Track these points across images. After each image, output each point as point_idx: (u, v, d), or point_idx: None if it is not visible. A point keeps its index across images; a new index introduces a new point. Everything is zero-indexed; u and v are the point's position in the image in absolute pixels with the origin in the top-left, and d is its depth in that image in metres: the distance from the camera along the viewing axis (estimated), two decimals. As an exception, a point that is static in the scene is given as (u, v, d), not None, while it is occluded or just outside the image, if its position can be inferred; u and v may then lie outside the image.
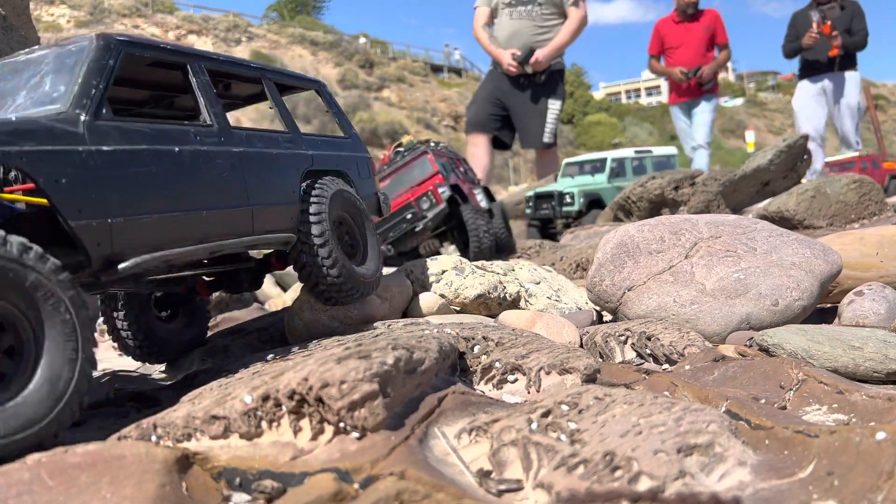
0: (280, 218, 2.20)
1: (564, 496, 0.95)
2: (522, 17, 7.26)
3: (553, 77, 7.25)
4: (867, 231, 2.94)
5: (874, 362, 1.66)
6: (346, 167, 2.68)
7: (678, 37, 8.84)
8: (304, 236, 2.23)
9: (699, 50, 8.71)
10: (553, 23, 7.14)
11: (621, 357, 2.09)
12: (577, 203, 8.83)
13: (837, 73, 7.70)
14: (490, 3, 7.33)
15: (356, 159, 2.82)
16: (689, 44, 8.76)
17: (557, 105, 7.29)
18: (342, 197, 2.44)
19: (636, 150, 9.77)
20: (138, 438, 1.21)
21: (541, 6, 7.19)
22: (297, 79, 2.78)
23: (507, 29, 7.30)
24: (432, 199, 5.11)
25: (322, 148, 2.59)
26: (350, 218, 2.52)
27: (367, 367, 1.13)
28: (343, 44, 36.49)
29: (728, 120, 45.83)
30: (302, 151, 2.42)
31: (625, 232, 2.59)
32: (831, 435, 1.07)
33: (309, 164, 2.41)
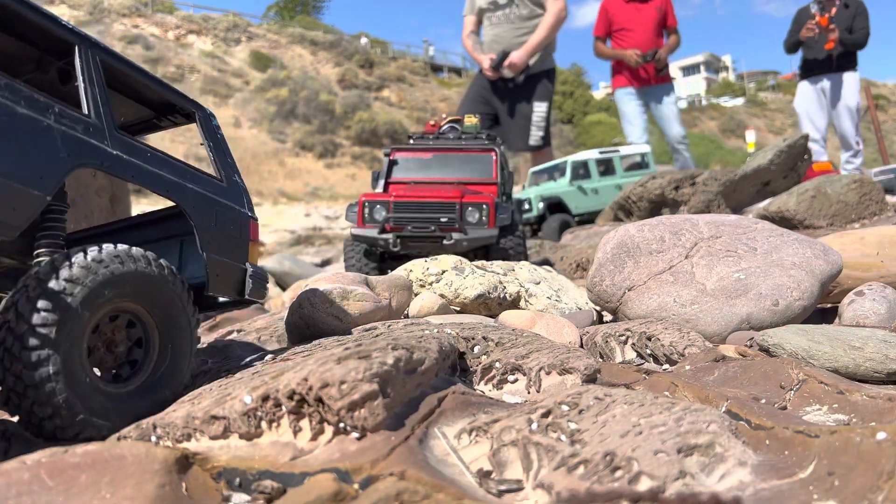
0: None
1: (564, 496, 0.95)
2: (501, 22, 7.20)
3: (535, 78, 7.11)
4: (867, 231, 2.94)
5: (874, 362, 1.66)
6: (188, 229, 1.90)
7: (628, 17, 8.27)
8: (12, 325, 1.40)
9: (651, 33, 8.19)
10: (535, 22, 7.03)
11: (621, 357, 2.09)
12: (535, 208, 8.24)
13: (836, 74, 7.59)
14: (474, 10, 7.30)
15: (219, 215, 1.97)
16: (640, 25, 8.22)
17: (543, 107, 7.16)
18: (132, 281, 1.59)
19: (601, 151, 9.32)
20: (138, 438, 1.21)
21: (518, 7, 7.08)
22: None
23: (489, 34, 7.29)
24: (485, 216, 3.82)
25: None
26: (148, 314, 1.67)
27: (367, 367, 1.13)
28: (343, 44, 36.49)
29: (728, 120, 45.83)
30: None
31: (625, 232, 2.59)
32: (832, 435, 1.07)
33: None
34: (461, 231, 3.77)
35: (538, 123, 7.14)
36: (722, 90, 58.59)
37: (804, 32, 7.45)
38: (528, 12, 7.08)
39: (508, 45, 7.04)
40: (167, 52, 31.12)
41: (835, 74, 7.58)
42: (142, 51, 29.80)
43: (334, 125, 29.74)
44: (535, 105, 7.09)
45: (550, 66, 7.32)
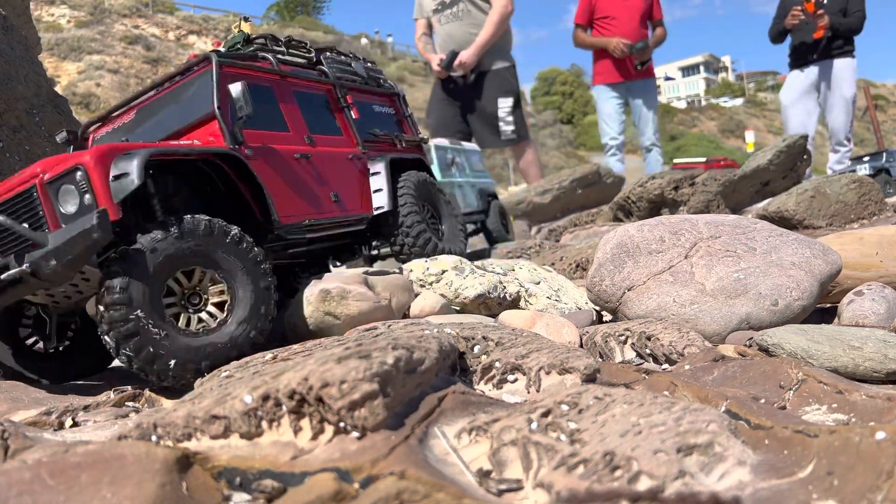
0: None
1: (564, 496, 0.95)
2: (451, 20, 7.07)
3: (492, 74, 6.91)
4: (867, 231, 2.94)
5: (874, 362, 1.66)
6: None
7: (613, 6, 7.72)
8: None
9: (636, 23, 7.64)
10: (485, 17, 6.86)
11: (621, 357, 2.09)
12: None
13: (828, 61, 6.92)
14: (423, 13, 7.18)
15: None
16: (626, 14, 7.65)
17: (508, 102, 6.95)
18: None
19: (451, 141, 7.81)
20: (138, 438, 1.21)
21: (466, 3, 6.91)
22: None
23: (441, 35, 7.16)
24: (87, 194, 2.07)
25: None
26: None
27: (368, 367, 1.13)
28: (343, 44, 36.47)
29: (727, 120, 45.84)
30: None
31: (624, 232, 2.59)
32: (831, 435, 1.07)
33: None
34: (38, 245, 2.02)
35: (505, 118, 6.93)
36: (721, 90, 58.62)
37: (789, 20, 6.89)
38: (476, 9, 6.91)
39: (461, 43, 6.90)
40: (168, 53, 31.11)
41: (827, 61, 6.95)
42: (143, 51, 29.78)
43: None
44: (499, 101, 6.92)
45: (507, 62, 7.09)
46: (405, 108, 3.81)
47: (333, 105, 3.26)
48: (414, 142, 3.72)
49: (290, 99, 2.96)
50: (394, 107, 3.77)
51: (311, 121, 3.04)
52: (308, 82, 3.15)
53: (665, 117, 45.06)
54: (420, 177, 3.38)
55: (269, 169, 2.65)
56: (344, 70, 3.42)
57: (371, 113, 3.51)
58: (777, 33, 7.24)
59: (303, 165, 2.83)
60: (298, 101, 3.02)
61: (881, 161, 13.37)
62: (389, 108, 3.72)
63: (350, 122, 3.28)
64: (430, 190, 3.47)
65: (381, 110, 3.63)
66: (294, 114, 2.95)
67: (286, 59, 3.12)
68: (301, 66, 3.21)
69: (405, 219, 3.16)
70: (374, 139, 3.40)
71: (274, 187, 2.62)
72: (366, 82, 3.55)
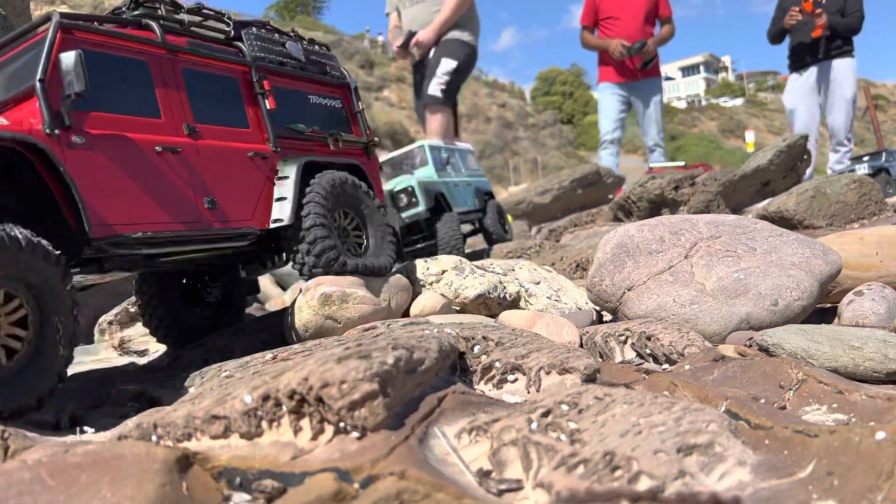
0: None
1: (564, 496, 0.95)
2: (415, 3, 6.97)
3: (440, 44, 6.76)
4: (867, 231, 2.94)
5: (874, 362, 1.66)
6: None
7: (617, 5, 7.61)
8: None
9: (640, 22, 7.51)
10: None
11: (621, 357, 2.09)
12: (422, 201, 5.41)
13: (827, 61, 6.89)
14: (392, 6, 7.13)
15: None
16: (629, 14, 7.53)
17: (451, 63, 6.70)
18: None
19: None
20: (138, 438, 1.21)
21: None
22: None
23: (406, 18, 7.05)
24: None
25: None
26: None
27: (368, 367, 1.13)
28: (343, 44, 36.48)
29: (728, 120, 45.86)
30: None
31: (625, 232, 2.59)
32: (831, 435, 1.07)
33: None
34: None
35: (440, 77, 6.65)
36: (721, 90, 58.64)
37: (787, 20, 6.88)
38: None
39: (423, 24, 6.79)
40: (167, 53, 31.01)
41: (826, 62, 6.93)
42: (141, 51, 29.69)
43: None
44: (442, 60, 6.69)
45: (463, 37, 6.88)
46: (357, 103, 3.18)
47: (244, 91, 2.65)
48: (357, 143, 3.09)
49: (174, 79, 2.39)
50: (343, 100, 3.14)
51: (201, 107, 2.46)
52: (209, 61, 2.55)
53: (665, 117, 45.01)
54: (337, 178, 2.74)
55: (105, 163, 2.09)
56: (270, 50, 2.81)
57: (303, 105, 2.91)
58: (776, 33, 7.23)
59: (165, 161, 2.26)
60: (188, 82, 2.45)
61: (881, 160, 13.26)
62: (335, 101, 3.10)
63: (263, 113, 2.66)
64: (351, 195, 2.82)
65: (321, 102, 3.02)
66: (176, 97, 2.38)
67: (183, 30, 2.54)
68: (209, 39, 2.65)
69: (307, 233, 2.56)
70: (297, 136, 2.79)
71: (100, 187, 2.06)
72: (303, 67, 2.94)
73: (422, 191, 5.29)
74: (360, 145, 3.11)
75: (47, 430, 1.76)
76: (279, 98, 2.73)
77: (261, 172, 2.60)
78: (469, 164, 6.45)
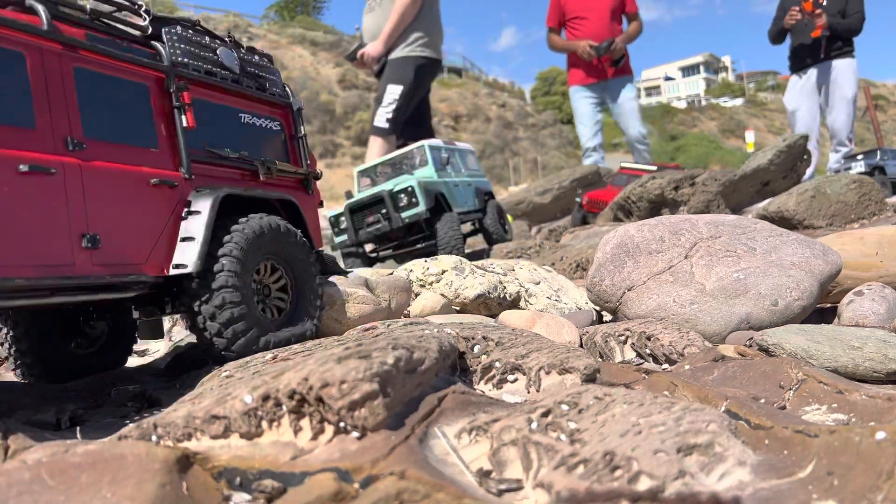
0: None
1: (564, 496, 0.95)
2: (371, 11, 6.92)
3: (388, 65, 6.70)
4: (867, 231, 2.94)
5: (874, 362, 1.66)
6: None
7: (582, 5, 7.49)
8: None
9: (607, 20, 7.40)
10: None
11: (621, 357, 2.09)
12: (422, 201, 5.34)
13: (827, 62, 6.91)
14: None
15: None
16: (595, 13, 7.42)
17: (397, 90, 6.61)
18: None
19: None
20: (138, 438, 1.21)
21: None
22: None
23: (364, 26, 7.02)
24: None
25: None
26: None
27: (368, 367, 1.13)
28: (343, 44, 36.50)
29: (728, 120, 45.87)
30: None
31: (625, 232, 2.59)
32: (831, 435, 1.07)
33: None
34: None
35: (386, 105, 6.60)
36: (721, 90, 58.65)
37: (787, 19, 6.90)
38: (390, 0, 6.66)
39: (371, 35, 6.78)
40: (167, 53, 31.05)
41: (826, 62, 6.95)
42: (142, 51, 29.73)
43: (334, 125, 29.76)
44: (388, 87, 6.63)
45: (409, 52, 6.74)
46: (299, 127, 2.70)
47: (156, 103, 2.15)
48: (294, 175, 2.60)
49: (60, 79, 1.91)
50: (283, 123, 2.65)
51: (94, 118, 1.97)
52: (113, 61, 2.04)
53: (665, 117, 45.04)
54: (266, 225, 2.25)
55: None
56: (196, 56, 2.31)
57: (231, 125, 2.42)
58: (776, 33, 7.25)
59: (31, 184, 1.75)
60: (80, 85, 1.96)
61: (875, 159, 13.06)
62: (273, 122, 2.61)
63: (179, 131, 2.16)
64: (282, 246, 2.32)
65: (255, 123, 2.52)
66: (60, 102, 1.90)
67: (86, 21, 2.04)
68: (121, 36, 2.15)
69: (215, 294, 2.05)
70: (219, 163, 2.31)
71: None
72: (236, 80, 2.43)
73: (422, 191, 5.27)
74: (297, 177, 2.63)
75: (47, 430, 1.76)
76: (201, 114, 2.26)
77: (166, 204, 2.09)
78: (469, 164, 6.43)
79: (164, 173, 2.12)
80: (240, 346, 2.09)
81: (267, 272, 2.32)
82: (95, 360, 2.60)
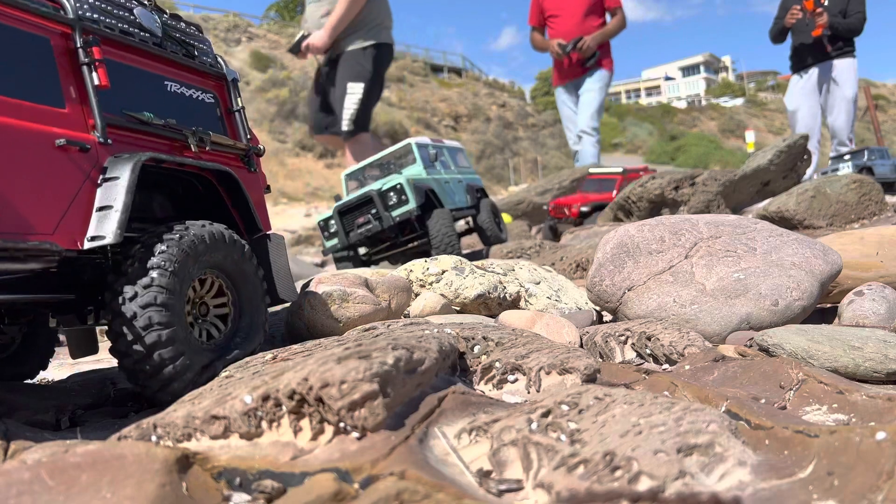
0: None
1: (564, 496, 0.95)
2: (311, 2, 6.65)
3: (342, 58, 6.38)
4: (867, 231, 2.94)
5: (874, 362, 1.66)
6: None
7: (556, 3, 7.32)
8: None
9: (579, 17, 7.21)
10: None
11: (621, 357, 2.09)
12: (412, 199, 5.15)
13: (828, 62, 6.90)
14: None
15: None
16: (567, 11, 7.24)
17: (359, 88, 6.32)
18: None
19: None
20: (138, 438, 1.21)
21: None
22: None
23: (307, 13, 6.72)
24: None
25: None
26: None
27: (367, 367, 1.13)
28: (343, 44, 36.48)
29: (728, 120, 45.88)
30: None
31: (625, 232, 2.59)
32: (831, 435, 1.07)
33: None
34: None
35: (350, 106, 6.32)
36: (721, 90, 58.66)
37: (788, 18, 6.89)
38: None
39: (313, 25, 6.46)
40: (167, 53, 31.06)
41: (827, 62, 6.94)
42: (142, 51, 29.75)
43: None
44: (348, 86, 6.31)
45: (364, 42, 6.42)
46: (236, 99, 2.48)
47: (62, 59, 1.94)
48: (232, 149, 2.36)
49: None
50: (217, 95, 2.43)
51: None
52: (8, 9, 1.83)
53: (665, 117, 45.05)
54: (208, 234, 1.97)
55: None
56: (108, 13, 2.08)
57: (156, 91, 2.19)
58: (777, 32, 7.25)
59: None
60: None
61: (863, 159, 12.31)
62: (205, 94, 2.38)
63: (89, 91, 1.93)
64: (224, 255, 2.04)
65: (185, 93, 2.29)
66: None
67: None
68: None
69: (140, 312, 1.77)
70: (142, 129, 2.07)
71: None
72: (159, 44, 2.20)
73: (411, 188, 5.13)
74: (235, 152, 2.36)
75: (47, 430, 1.76)
76: (118, 76, 2.03)
77: (76, 169, 1.86)
78: (459, 162, 6.30)
79: (73, 134, 1.88)
80: (165, 377, 1.80)
81: (205, 288, 2.03)
82: (6, 368, 2.41)
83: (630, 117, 44.97)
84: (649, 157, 36.14)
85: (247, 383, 1.25)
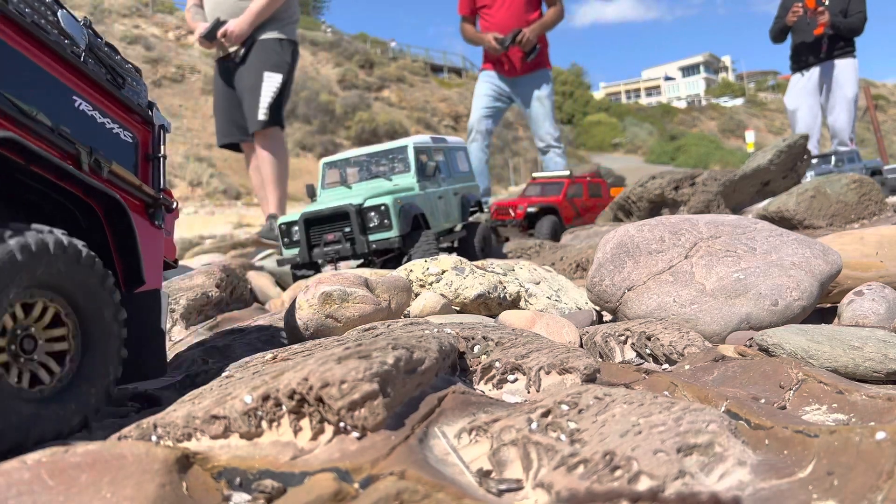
0: None
1: (564, 496, 0.95)
2: None
3: (255, 47, 5.92)
4: (867, 231, 2.94)
5: (874, 362, 1.66)
6: None
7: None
8: None
9: (518, 9, 6.61)
10: None
11: (621, 357, 2.09)
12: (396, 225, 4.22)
13: (829, 61, 6.88)
14: None
15: None
16: (504, 2, 6.61)
17: (277, 78, 5.86)
18: None
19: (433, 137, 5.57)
20: (138, 438, 1.21)
21: None
22: None
23: (209, 2, 6.10)
24: None
25: None
26: None
27: (368, 367, 1.13)
28: (343, 44, 36.47)
29: (728, 120, 45.86)
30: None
31: (625, 232, 2.59)
32: (831, 435, 1.07)
33: None
34: None
35: (267, 94, 5.79)
36: (721, 90, 58.66)
37: (789, 17, 6.86)
38: None
39: (228, 13, 5.89)
40: (168, 53, 31.13)
41: (828, 62, 6.92)
42: (142, 51, 29.81)
43: (334, 125, 29.74)
44: (265, 74, 5.80)
45: (282, 35, 6.01)
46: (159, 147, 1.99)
47: None
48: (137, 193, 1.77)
49: None
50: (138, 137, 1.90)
51: None
52: None
53: (665, 117, 45.03)
54: (41, 242, 1.27)
55: None
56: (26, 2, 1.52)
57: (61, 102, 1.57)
58: (778, 31, 7.23)
59: None
60: None
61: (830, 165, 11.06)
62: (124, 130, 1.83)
63: None
64: (66, 273, 1.35)
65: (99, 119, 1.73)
66: None
67: None
68: None
69: None
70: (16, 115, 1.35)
71: None
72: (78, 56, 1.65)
73: (397, 213, 4.20)
74: (139, 196, 1.81)
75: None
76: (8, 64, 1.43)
77: None
78: (459, 166, 5.54)
79: None
80: None
81: (33, 315, 1.35)
82: None
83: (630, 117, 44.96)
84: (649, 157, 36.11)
85: (247, 383, 1.25)
